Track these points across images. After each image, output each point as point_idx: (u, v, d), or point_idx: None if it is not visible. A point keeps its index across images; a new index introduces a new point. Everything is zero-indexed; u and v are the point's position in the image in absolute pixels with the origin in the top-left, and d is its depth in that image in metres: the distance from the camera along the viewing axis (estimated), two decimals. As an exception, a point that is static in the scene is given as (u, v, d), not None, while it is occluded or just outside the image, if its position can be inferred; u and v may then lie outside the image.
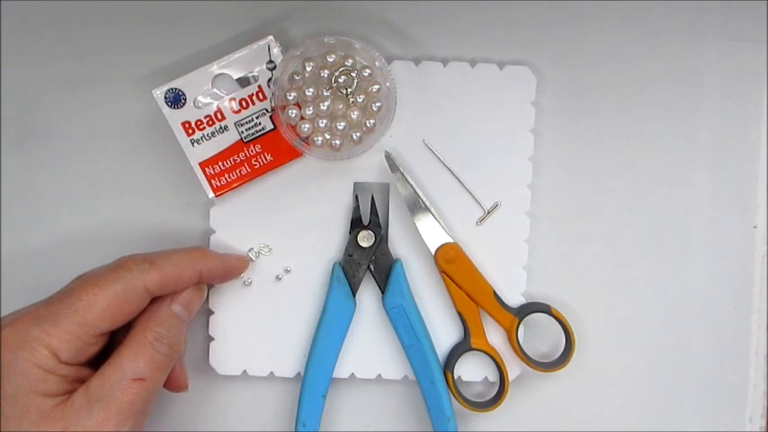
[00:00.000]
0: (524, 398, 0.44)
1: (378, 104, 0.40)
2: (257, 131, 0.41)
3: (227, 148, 0.41)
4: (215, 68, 0.40)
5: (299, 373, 0.42)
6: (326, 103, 0.39)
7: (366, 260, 0.42)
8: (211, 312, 0.42)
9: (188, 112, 0.41)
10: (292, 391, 0.43)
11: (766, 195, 0.44)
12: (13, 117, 0.42)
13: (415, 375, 0.41)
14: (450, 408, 0.41)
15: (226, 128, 0.41)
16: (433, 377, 0.41)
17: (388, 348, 0.42)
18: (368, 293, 0.42)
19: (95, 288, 0.34)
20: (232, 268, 0.40)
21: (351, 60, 0.39)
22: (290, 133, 0.40)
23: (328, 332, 0.41)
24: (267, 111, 0.41)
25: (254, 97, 0.41)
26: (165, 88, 0.40)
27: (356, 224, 0.42)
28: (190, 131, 0.41)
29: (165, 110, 0.41)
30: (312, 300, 0.42)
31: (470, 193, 0.42)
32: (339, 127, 0.39)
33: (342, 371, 0.42)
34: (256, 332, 0.42)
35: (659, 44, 0.43)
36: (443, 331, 0.43)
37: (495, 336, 0.42)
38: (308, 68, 0.39)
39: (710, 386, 0.44)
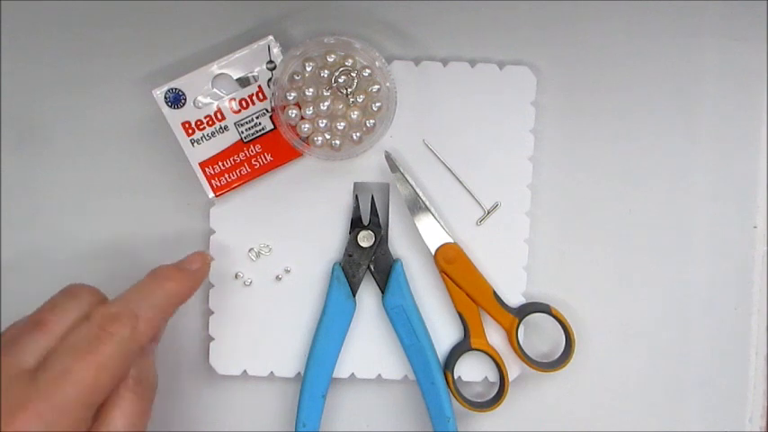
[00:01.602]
0: (524, 398, 0.44)
1: (378, 104, 0.40)
2: (257, 131, 0.41)
3: (227, 148, 0.41)
4: (215, 68, 0.40)
5: (299, 373, 0.42)
6: (326, 103, 0.39)
7: (366, 260, 0.42)
8: (211, 312, 0.42)
9: (188, 112, 0.41)
10: (292, 391, 0.43)
11: (766, 195, 0.44)
12: (13, 117, 0.42)
13: (415, 375, 0.41)
14: (451, 408, 0.41)
15: (226, 128, 0.41)
16: (433, 377, 0.41)
17: (388, 348, 0.42)
18: (368, 293, 0.42)
19: None
20: (195, 280, 0.37)
21: (351, 60, 0.39)
22: (290, 133, 0.40)
23: (328, 332, 0.41)
24: (267, 111, 0.41)
25: (254, 97, 0.41)
26: (165, 88, 0.40)
27: (356, 224, 0.42)
28: (190, 131, 0.41)
29: (165, 110, 0.41)
30: (312, 300, 0.42)
31: (470, 193, 0.42)
32: (339, 127, 0.39)
33: (342, 371, 0.42)
34: (256, 332, 0.42)
35: (659, 44, 0.43)
36: (443, 331, 0.43)
37: (495, 336, 0.42)
38: (308, 68, 0.39)
39: (710, 386, 0.44)
